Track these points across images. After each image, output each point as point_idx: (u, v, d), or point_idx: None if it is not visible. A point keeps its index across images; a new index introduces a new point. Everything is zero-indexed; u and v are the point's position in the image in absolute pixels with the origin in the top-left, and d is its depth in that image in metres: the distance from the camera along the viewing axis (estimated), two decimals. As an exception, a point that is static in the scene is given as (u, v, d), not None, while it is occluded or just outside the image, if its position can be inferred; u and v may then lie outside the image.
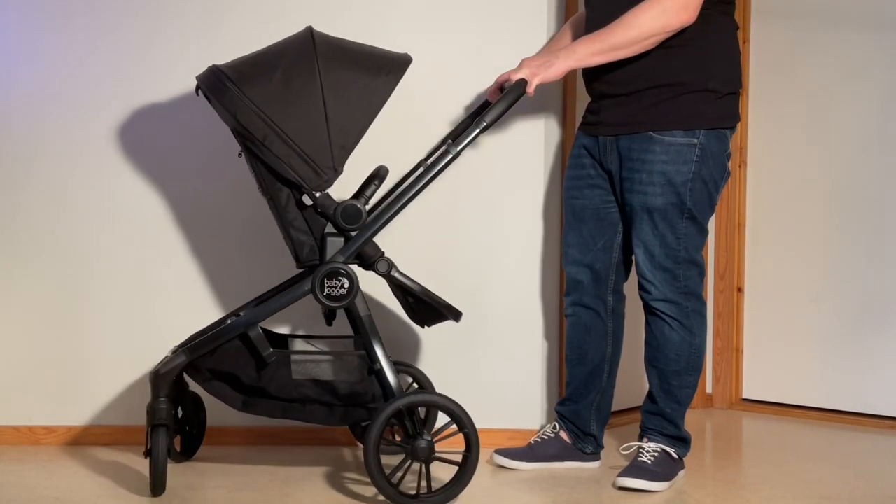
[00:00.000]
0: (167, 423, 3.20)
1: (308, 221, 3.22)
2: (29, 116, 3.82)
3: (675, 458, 3.49)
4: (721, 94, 3.35)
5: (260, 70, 3.18)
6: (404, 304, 3.42)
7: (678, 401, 3.50)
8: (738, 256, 4.59)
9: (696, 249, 3.43)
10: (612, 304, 3.59)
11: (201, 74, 3.22)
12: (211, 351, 3.21)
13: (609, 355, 3.63)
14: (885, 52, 4.26)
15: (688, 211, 3.37)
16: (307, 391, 3.21)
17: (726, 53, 3.39)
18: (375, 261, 3.27)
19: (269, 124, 3.13)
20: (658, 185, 3.35)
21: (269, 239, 3.75)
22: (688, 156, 3.34)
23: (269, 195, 3.21)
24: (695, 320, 3.46)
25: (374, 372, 3.22)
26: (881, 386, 4.28)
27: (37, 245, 3.83)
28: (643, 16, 3.25)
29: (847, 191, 4.35)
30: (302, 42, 3.23)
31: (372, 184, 3.27)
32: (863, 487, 3.48)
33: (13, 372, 3.85)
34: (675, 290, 3.42)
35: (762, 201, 4.55)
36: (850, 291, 4.35)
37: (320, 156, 3.15)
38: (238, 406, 3.24)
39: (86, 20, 3.81)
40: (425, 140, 3.64)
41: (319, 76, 3.16)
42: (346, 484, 3.41)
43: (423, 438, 3.15)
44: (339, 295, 3.21)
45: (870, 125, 4.30)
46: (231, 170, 3.74)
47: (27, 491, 3.34)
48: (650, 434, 3.53)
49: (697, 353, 3.48)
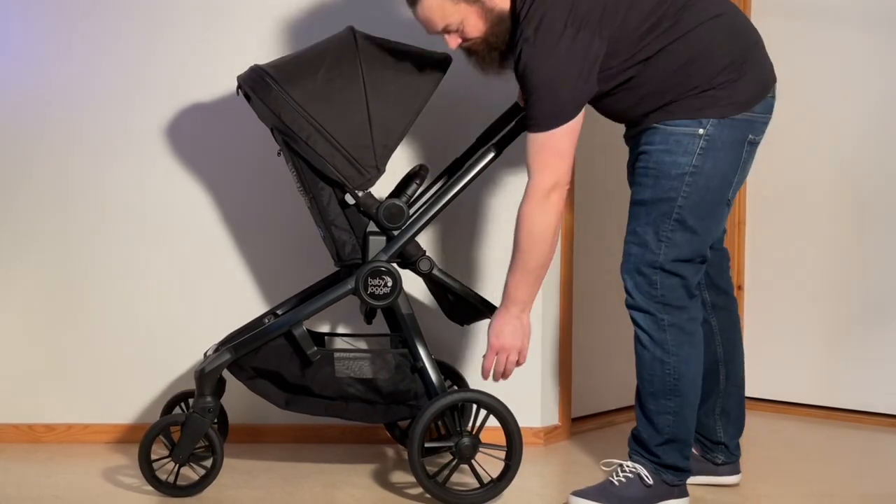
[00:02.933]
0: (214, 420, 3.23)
1: (350, 220, 3.23)
2: (30, 115, 3.80)
3: (649, 484, 3.13)
4: (734, 80, 3.03)
5: (303, 69, 3.19)
6: (443, 302, 3.45)
7: (655, 428, 3.12)
8: (738, 254, 4.64)
9: (680, 258, 3.06)
10: (711, 300, 3.34)
11: (243, 74, 3.22)
12: (255, 349, 3.21)
13: (721, 355, 3.34)
14: (885, 51, 4.30)
15: (677, 210, 3.02)
16: (350, 389, 3.23)
17: (714, 44, 3.02)
18: (417, 260, 3.29)
19: (313, 123, 3.14)
20: (651, 176, 3.05)
21: (279, 238, 3.79)
22: (689, 146, 3.00)
23: (311, 194, 3.22)
24: (671, 335, 3.08)
25: (417, 370, 3.24)
26: (881, 384, 4.32)
27: (37, 242, 3.81)
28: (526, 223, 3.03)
29: (847, 189, 4.40)
30: (344, 41, 3.25)
31: (413, 183, 3.29)
32: (863, 485, 3.51)
33: (13, 370, 3.83)
34: (650, 298, 3.08)
35: (762, 199, 4.59)
36: (851, 289, 4.39)
37: (363, 155, 3.17)
38: (281, 404, 3.25)
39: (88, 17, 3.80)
40: (459, 140, 3.65)
41: (362, 75, 3.18)
42: (348, 480, 3.44)
43: (467, 436, 3.18)
44: (383, 293, 3.22)
45: (870, 123, 4.34)
46: (233, 168, 3.78)
47: (27, 489, 3.33)
48: (631, 453, 3.21)
49: (675, 375, 3.09)
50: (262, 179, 3.80)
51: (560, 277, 3.96)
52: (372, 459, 3.67)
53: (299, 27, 3.79)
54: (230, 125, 3.78)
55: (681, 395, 3.12)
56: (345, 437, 3.87)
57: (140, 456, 3.22)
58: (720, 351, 3.37)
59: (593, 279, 4.15)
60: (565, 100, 2.98)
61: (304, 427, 3.85)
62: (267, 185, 3.80)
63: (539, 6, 2.98)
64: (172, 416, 3.27)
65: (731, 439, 3.41)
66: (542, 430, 3.93)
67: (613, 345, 4.19)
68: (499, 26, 3.05)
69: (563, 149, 3.01)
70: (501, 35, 3.06)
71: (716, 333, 3.36)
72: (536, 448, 3.88)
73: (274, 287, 3.82)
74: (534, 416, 3.92)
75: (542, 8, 2.97)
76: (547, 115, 2.98)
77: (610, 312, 4.08)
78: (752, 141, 3.11)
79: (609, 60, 3.01)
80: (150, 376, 3.83)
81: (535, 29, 2.96)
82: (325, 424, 3.81)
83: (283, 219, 3.82)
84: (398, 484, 3.42)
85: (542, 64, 2.96)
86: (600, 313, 4.19)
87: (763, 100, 3.10)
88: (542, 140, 3.00)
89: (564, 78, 2.97)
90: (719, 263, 3.37)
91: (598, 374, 4.25)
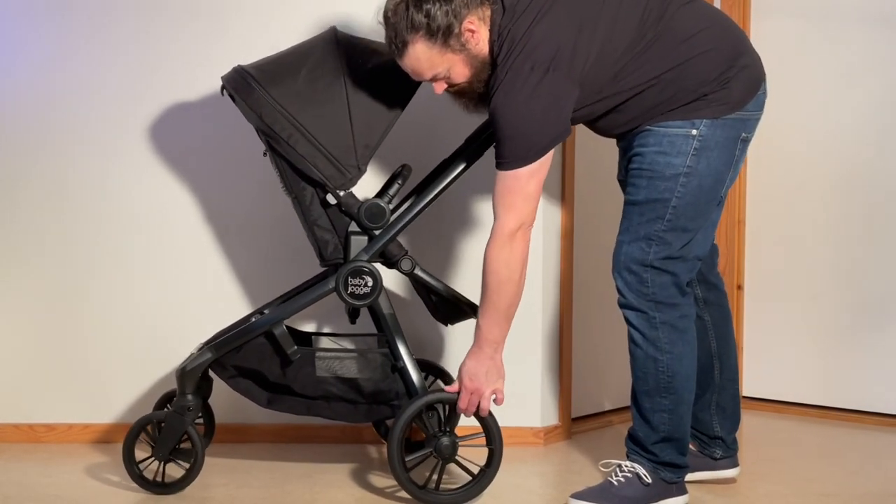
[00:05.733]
0: (195, 419, 3.25)
1: (332, 220, 3.25)
2: (26, 118, 3.82)
3: (648, 483, 3.16)
4: (726, 82, 3.05)
5: (284, 70, 3.21)
6: (427, 302, 3.46)
7: (651, 426, 3.16)
8: (738, 253, 4.62)
9: (671, 255, 3.10)
10: (703, 296, 3.37)
11: (226, 75, 3.24)
12: (237, 348, 3.23)
13: (715, 349, 3.38)
14: (887, 49, 4.27)
15: (671, 211, 3.07)
16: (331, 388, 3.24)
17: (699, 66, 3.05)
18: (399, 259, 3.30)
19: (294, 124, 3.16)
20: (645, 178, 3.08)
21: (276, 236, 3.80)
22: (683, 147, 3.04)
23: (294, 194, 3.24)
24: (663, 333, 3.11)
25: (398, 370, 3.25)
26: (881, 383, 4.30)
27: (37, 242, 3.82)
28: (493, 264, 3.05)
29: (848, 188, 4.37)
30: (326, 42, 3.26)
31: (395, 183, 3.30)
32: (862, 485, 3.49)
33: (13, 369, 3.84)
34: (642, 296, 3.11)
35: (762, 198, 4.57)
36: (851, 289, 4.36)
37: (344, 155, 3.18)
38: (263, 403, 3.27)
39: (90, 14, 3.82)
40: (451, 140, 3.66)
41: (343, 76, 3.20)
42: (345, 479, 3.44)
43: (447, 436, 3.19)
44: (363, 293, 3.24)
45: (871, 122, 4.31)
46: (238, 168, 3.78)
47: (27, 489, 3.34)
48: (629, 452, 3.24)
49: (668, 373, 3.13)
50: (259, 179, 3.80)
51: (559, 277, 3.96)
52: (372, 459, 3.69)
53: (286, 27, 3.79)
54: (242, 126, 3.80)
55: (675, 392, 3.14)
56: (345, 437, 3.88)
57: (124, 455, 3.25)
58: (714, 346, 3.40)
59: (592, 279, 4.14)
60: (531, 142, 3.01)
61: (300, 426, 3.87)
62: (265, 185, 3.80)
63: (513, 50, 3.02)
64: (151, 415, 3.30)
65: (727, 434, 3.43)
66: (541, 430, 3.92)
67: (613, 345, 4.17)
68: (483, 72, 3.10)
69: (529, 191, 3.04)
70: (484, 79, 3.11)
71: (709, 329, 3.39)
72: (536, 448, 3.88)
73: (275, 287, 3.79)
74: (533, 416, 3.92)
75: (515, 52, 3.02)
76: (513, 156, 3.02)
77: (609, 312, 4.03)
78: (745, 139, 3.13)
79: (588, 97, 3.07)
80: (150, 376, 3.85)
81: (506, 71, 3.02)
82: (325, 425, 3.81)
83: (286, 218, 3.81)
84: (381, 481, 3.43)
85: (508, 106, 3.00)
86: (599, 313, 4.17)
87: (755, 97, 3.11)
88: (508, 181, 3.03)
89: (529, 120, 3.00)
90: (710, 259, 3.38)
91: (597, 374, 4.24)
